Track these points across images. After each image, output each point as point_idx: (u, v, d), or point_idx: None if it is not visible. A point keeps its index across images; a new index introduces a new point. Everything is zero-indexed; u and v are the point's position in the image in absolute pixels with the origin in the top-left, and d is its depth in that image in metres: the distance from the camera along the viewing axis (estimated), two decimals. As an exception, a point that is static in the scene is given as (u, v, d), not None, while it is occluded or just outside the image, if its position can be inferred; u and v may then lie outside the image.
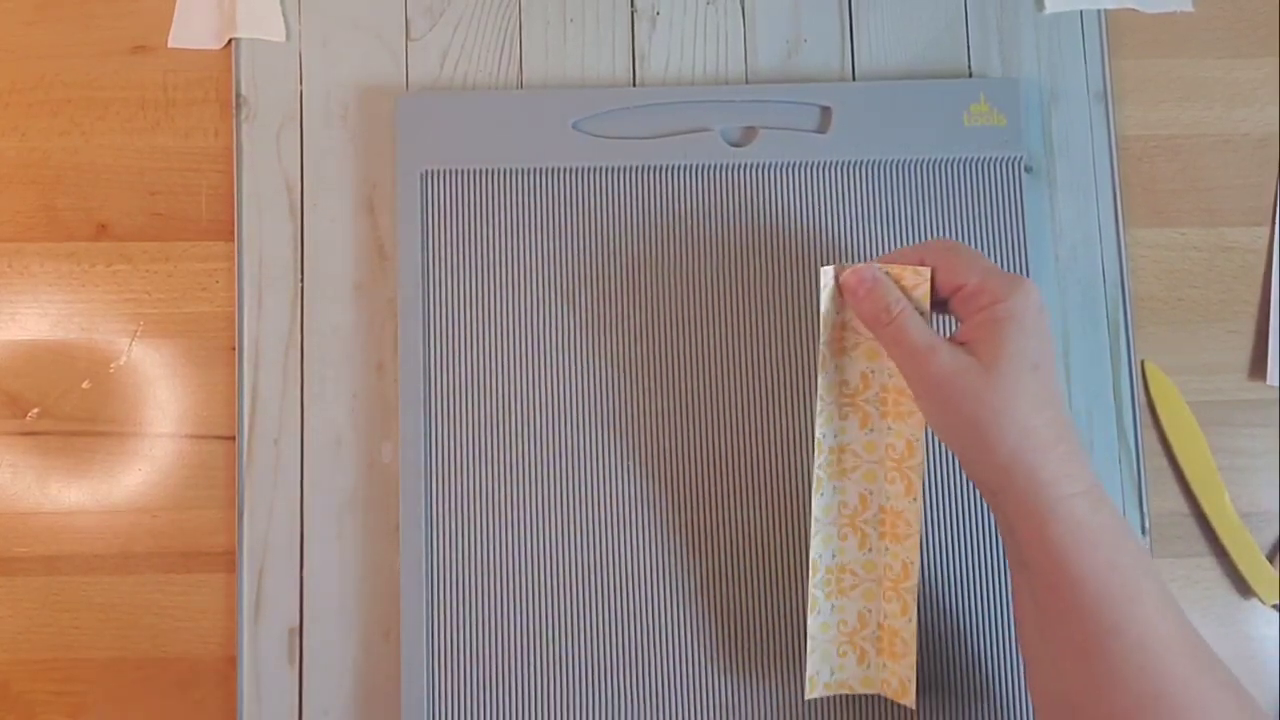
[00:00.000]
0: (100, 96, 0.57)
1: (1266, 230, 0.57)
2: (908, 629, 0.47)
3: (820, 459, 0.47)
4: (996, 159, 0.55)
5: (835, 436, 0.48)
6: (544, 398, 0.53)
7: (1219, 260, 0.57)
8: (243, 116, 0.56)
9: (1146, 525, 0.54)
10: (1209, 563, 0.55)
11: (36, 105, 0.56)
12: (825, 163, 0.55)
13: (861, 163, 0.55)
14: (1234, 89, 0.58)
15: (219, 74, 0.57)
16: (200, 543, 0.54)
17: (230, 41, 0.56)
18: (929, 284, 0.45)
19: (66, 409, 0.55)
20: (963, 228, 0.55)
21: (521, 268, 0.54)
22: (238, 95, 0.56)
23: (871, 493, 0.48)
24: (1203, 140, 0.58)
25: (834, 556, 0.48)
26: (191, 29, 0.57)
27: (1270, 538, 0.55)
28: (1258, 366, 0.56)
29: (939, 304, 0.45)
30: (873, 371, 0.47)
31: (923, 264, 0.45)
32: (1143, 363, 0.56)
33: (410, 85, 0.56)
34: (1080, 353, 0.55)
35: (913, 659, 0.47)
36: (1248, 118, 0.58)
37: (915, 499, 0.47)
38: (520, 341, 0.53)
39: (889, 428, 0.47)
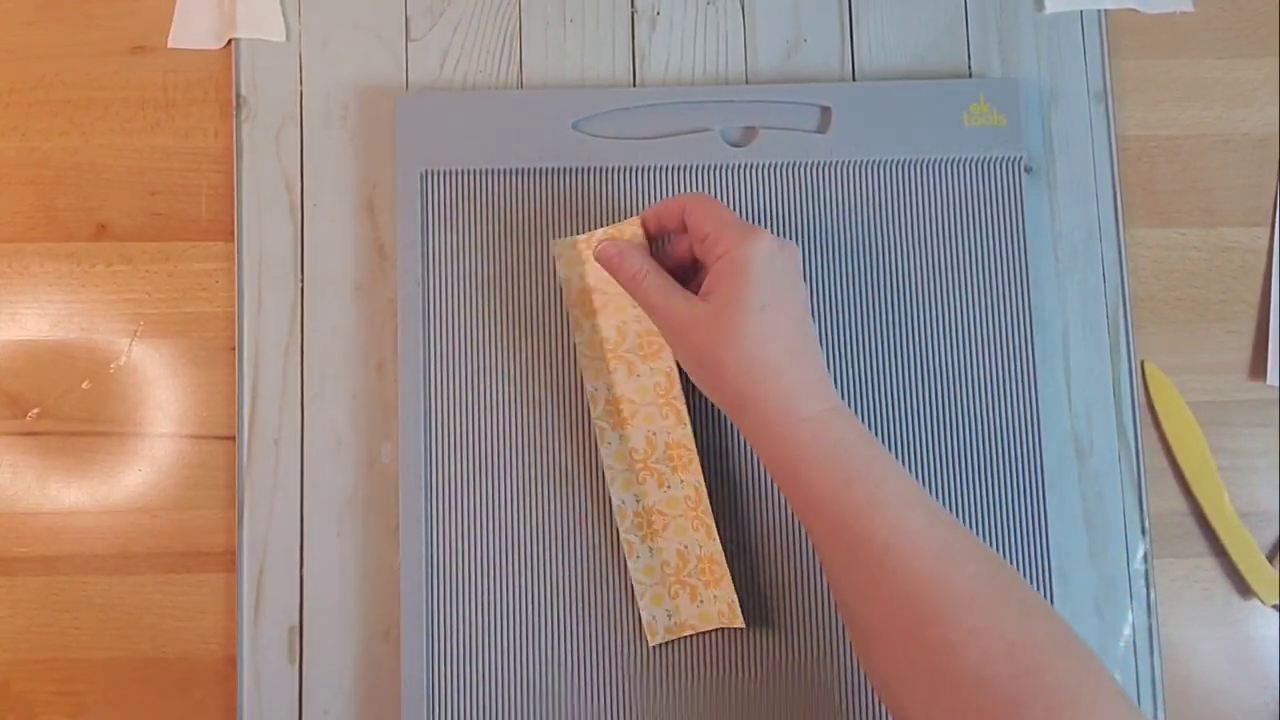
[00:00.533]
0: (100, 97, 0.56)
1: (1266, 230, 0.57)
2: (717, 552, 0.50)
3: (598, 410, 0.51)
4: (996, 159, 0.55)
5: (609, 390, 0.52)
6: (544, 396, 0.53)
7: (1219, 260, 0.57)
8: (243, 116, 0.56)
9: (1146, 525, 0.54)
10: (1209, 563, 0.55)
11: (36, 105, 0.56)
12: (825, 163, 0.55)
13: (861, 163, 0.55)
14: (1234, 89, 0.58)
15: (219, 74, 0.57)
16: (200, 543, 0.54)
17: (230, 41, 0.56)
18: (640, 226, 0.50)
19: (66, 409, 0.55)
20: (963, 228, 0.55)
21: (521, 268, 0.54)
22: (238, 95, 0.56)
23: (655, 433, 0.51)
24: (1203, 140, 0.58)
25: (638, 501, 0.51)
26: (191, 29, 0.57)
27: (1270, 538, 0.55)
28: (1258, 366, 0.56)
29: (698, 256, 0.48)
30: (624, 323, 0.51)
31: (683, 212, 0.48)
32: (1142, 363, 0.56)
33: (410, 85, 0.56)
34: (1080, 353, 0.55)
35: (729, 579, 0.50)
36: (1248, 118, 0.58)
37: (685, 425, 0.51)
38: (519, 341, 0.53)
39: (650, 369, 0.51)
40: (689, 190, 0.54)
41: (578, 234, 0.52)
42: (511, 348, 0.53)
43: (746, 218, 0.54)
